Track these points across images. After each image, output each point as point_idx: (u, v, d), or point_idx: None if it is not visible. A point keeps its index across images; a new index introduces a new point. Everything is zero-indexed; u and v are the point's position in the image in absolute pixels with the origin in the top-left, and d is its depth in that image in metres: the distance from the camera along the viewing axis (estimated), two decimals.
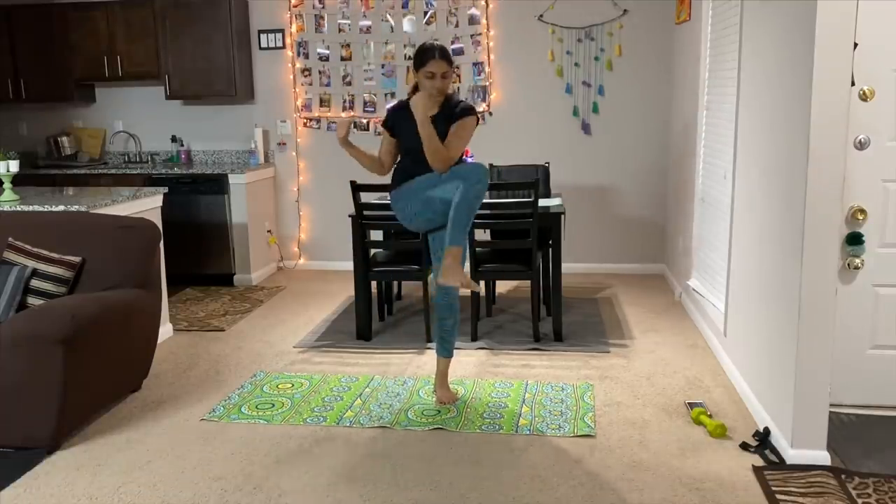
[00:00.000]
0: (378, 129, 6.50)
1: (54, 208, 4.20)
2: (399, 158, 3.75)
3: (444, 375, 3.84)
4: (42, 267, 3.71)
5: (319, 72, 6.55)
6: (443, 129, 3.56)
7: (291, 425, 3.57)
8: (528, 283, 5.84)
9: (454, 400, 3.80)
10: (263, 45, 6.57)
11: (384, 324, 5.11)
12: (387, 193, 4.11)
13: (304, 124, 6.67)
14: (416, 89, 3.66)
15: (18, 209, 4.20)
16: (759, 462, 3.12)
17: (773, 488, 2.87)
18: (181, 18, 6.29)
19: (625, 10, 6.14)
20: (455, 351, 4.49)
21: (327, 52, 6.51)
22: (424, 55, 3.52)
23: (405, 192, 3.63)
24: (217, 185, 6.17)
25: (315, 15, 6.47)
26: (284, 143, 6.72)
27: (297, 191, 6.78)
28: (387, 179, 3.91)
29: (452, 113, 3.56)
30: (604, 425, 3.50)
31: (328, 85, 6.56)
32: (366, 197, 4.78)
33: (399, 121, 3.68)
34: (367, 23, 6.41)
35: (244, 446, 3.35)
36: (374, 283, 5.26)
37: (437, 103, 3.58)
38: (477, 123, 3.64)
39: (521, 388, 3.96)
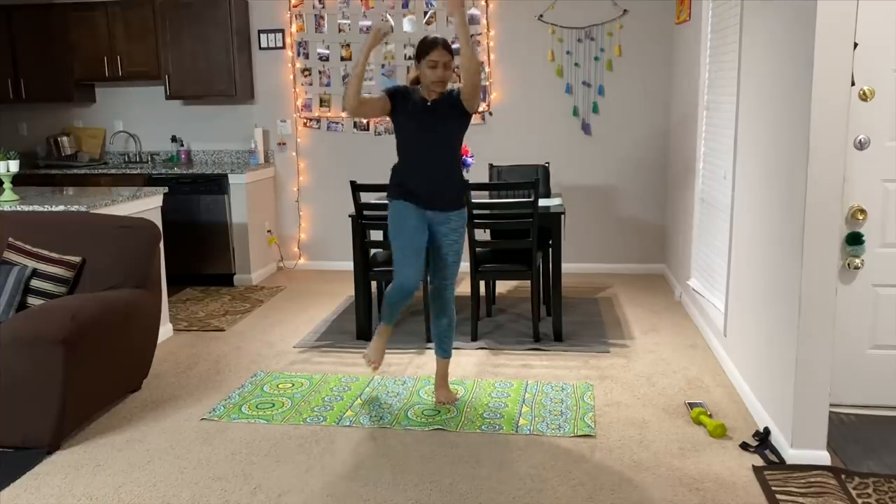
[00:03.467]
0: (378, 128, 6.51)
1: (54, 208, 4.20)
2: (397, 159, 3.72)
3: (444, 376, 3.84)
4: (42, 267, 3.71)
5: (319, 72, 6.55)
6: (445, 115, 3.58)
7: (291, 425, 3.57)
8: (528, 283, 5.84)
9: (454, 400, 3.80)
10: (263, 45, 6.57)
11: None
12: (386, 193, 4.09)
13: (304, 124, 6.67)
14: (415, 82, 3.67)
15: (18, 209, 4.20)
16: (759, 462, 3.12)
17: (773, 488, 2.87)
18: (181, 18, 6.29)
19: (625, 10, 6.14)
20: (455, 351, 4.49)
21: (327, 52, 6.51)
22: (427, 45, 3.54)
23: (396, 218, 3.63)
24: (217, 185, 6.17)
25: (315, 15, 6.47)
26: (284, 143, 6.72)
27: (297, 191, 6.78)
28: (382, 177, 3.90)
29: (452, 98, 3.58)
30: (604, 425, 3.50)
31: (328, 85, 6.56)
32: (366, 197, 4.78)
33: (405, 102, 3.62)
34: (367, 23, 6.41)
35: (244, 446, 3.35)
36: (374, 283, 5.26)
37: (439, 94, 3.59)
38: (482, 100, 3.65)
39: (521, 388, 3.96)
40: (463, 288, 5.92)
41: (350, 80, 3.55)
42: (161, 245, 4.31)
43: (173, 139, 6.78)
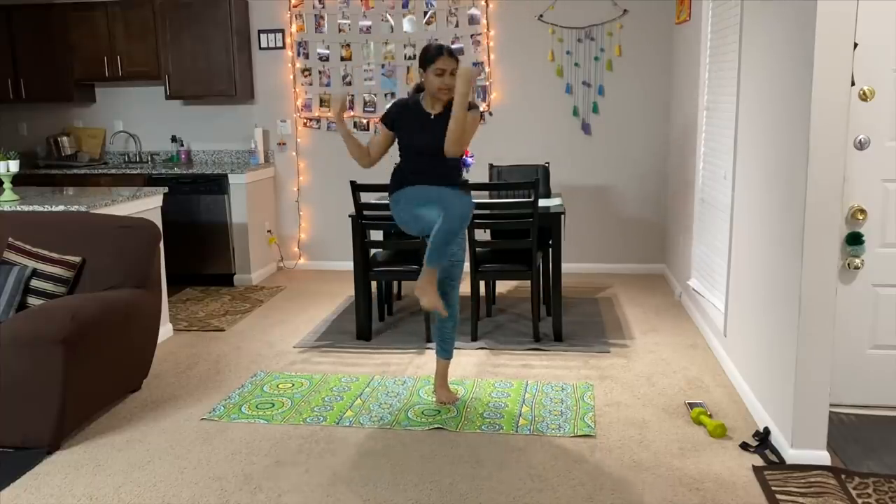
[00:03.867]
0: (378, 127, 6.49)
1: (54, 208, 4.20)
2: (398, 159, 3.73)
3: (444, 376, 3.84)
4: (42, 267, 3.71)
5: (319, 72, 6.55)
6: (446, 128, 3.56)
7: (291, 425, 3.57)
8: (528, 283, 5.84)
9: (454, 400, 3.80)
10: (263, 45, 6.57)
11: (384, 324, 5.11)
12: (387, 193, 4.10)
13: (304, 124, 6.67)
14: (418, 89, 3.66)
15: (18, 209, 4.20)
16: (759, 462, 3.12)
17: (773, 488, 2.87)
18: (181, 18, 6.29)
19: (625, 10, 6.14)
20: (455, 351, 4.49)
21: (327, 52, 6.51)
22: (433, 53, 3.52)
23: (402, 199, 3.62)
24: (217, 185, 6.17)
25: (315, 15, 6.47)
26: (284, 143, 6.72)
27: (297, 191, 6.78)
28: (382, 177, 3.90)
29: None
30: (604, 425, 3.50)
31: (328, 85, 6.56)
32: (366, 197, 4.77)
33: (403, 118, 3.65)
34: (367, 23, 6.41)
35: (244, 446, 3.35)
36: (374, 283, 5.26)
37: (442, 103, 3.58)
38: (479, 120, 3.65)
39: (521, 388, 3.96)
40: (463, 288, 5.92)
41: (348, 149, 3.65)
42: (161, 245, 4.31)
43: (173, 139, 6.78)
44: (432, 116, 3.59)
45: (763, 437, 3.27)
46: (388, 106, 3.76)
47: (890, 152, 3.40)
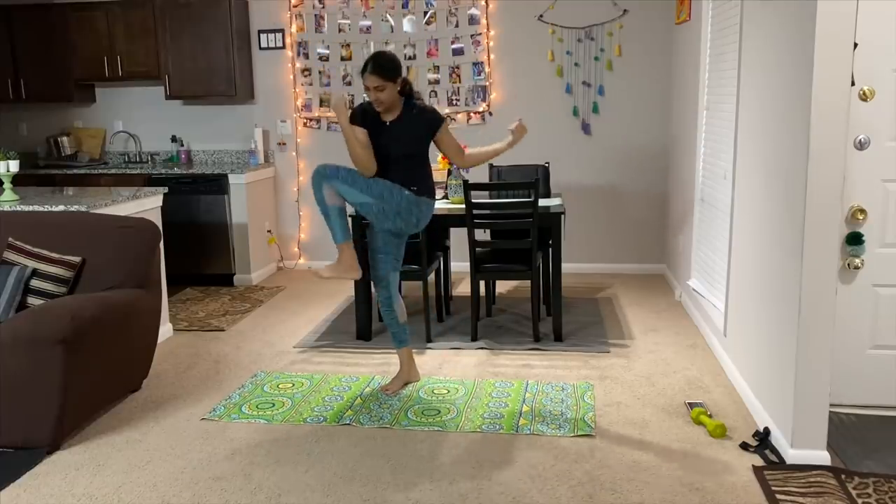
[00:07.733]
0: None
1: (54, 208, 4.20)
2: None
3: (402, 365, 3.99)
4: (42, 267, 3.71)
5: (319, 72, 6.55)
6: (403, 134, 3.61)
7: (292, 425, 3.57)
8: (528, 283, 5.84)
9: (392, 393, 3.88)
10: (263, 45, 6.57)
11: (384, 324, 5.11)
12: None
13: (304, 124, 6.67)
14: (402, 91, 3.67)
15: (18, 209, 4.20)
16: (759, 462, 3.12)
17: (773, 488, 2.87)
18: (181, 18, 6.29)
19: (625, 10, 6.14)
20: (455, 351, 4.51)
21: (327, 52, 6.51)
22: (362, 68, 3.56)
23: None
24: (217, 185, 6.17)
25: (315, 15, 6.47)
26: (284, 144, 6.72)
27: (297, 191, 6.78)
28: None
29: (420, 120, 3.62)
30: (604, 425, 3.50)
31: (328, 85, 6.56)
32: None
33: (366, 123, 3.65)
34: (367, 23, 6.41)
35: (244, 446, 3.35)
36: (373, 283, 5.24)
37: (394, 115, 3.62)
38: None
39: (521, 388, 3.96)
40: (463, 288, 5.93)
41: (356, 154, 3.57)
42: (161, 245, 4.31)
43: (173, 139, 6.78)
44: (388, 124, 3.64)
45: (763, 437, 3.27)
46: (358, 105, 3.75)
47: (890, 152, 3.40)
